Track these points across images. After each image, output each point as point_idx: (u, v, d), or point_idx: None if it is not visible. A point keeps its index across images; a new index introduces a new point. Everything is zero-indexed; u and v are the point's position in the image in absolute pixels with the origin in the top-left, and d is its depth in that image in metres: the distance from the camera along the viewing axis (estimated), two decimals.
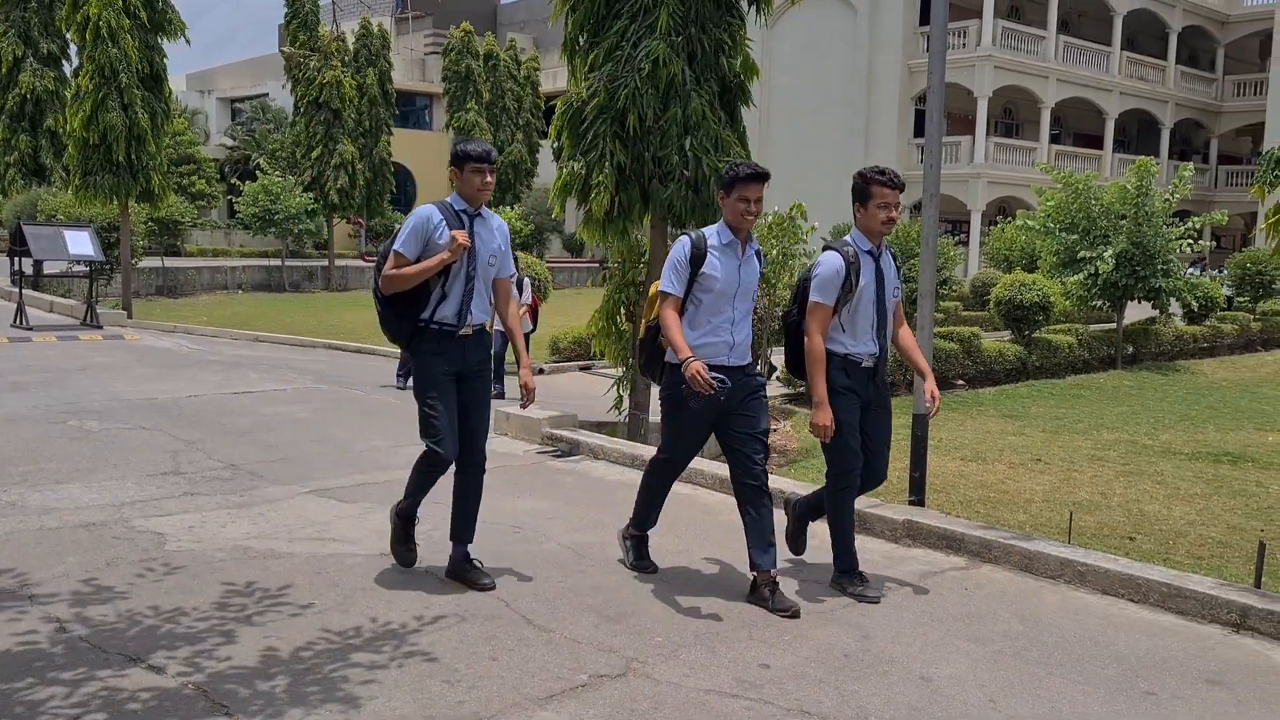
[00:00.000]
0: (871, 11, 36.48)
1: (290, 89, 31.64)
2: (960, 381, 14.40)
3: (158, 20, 18.25)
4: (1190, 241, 17.87)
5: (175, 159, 32.22)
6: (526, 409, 5.07)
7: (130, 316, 17.99)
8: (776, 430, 10.53)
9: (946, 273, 24.49)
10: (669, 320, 4.68)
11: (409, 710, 3.55)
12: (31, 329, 14.95)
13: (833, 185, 34.39)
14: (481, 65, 39.09)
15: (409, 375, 11.40)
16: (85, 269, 17.88)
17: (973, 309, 23.56)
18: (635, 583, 4.93)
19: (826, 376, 4.77)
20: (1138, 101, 40.14)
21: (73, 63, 19.78)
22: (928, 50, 6.41)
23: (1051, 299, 16.13)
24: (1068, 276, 17.75)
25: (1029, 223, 19.54)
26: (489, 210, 4.90)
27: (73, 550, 5.12)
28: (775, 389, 12.30)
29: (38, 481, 6.44)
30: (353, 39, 32.68)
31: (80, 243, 16.28)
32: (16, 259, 16.21)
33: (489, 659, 4.00)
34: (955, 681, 3.97)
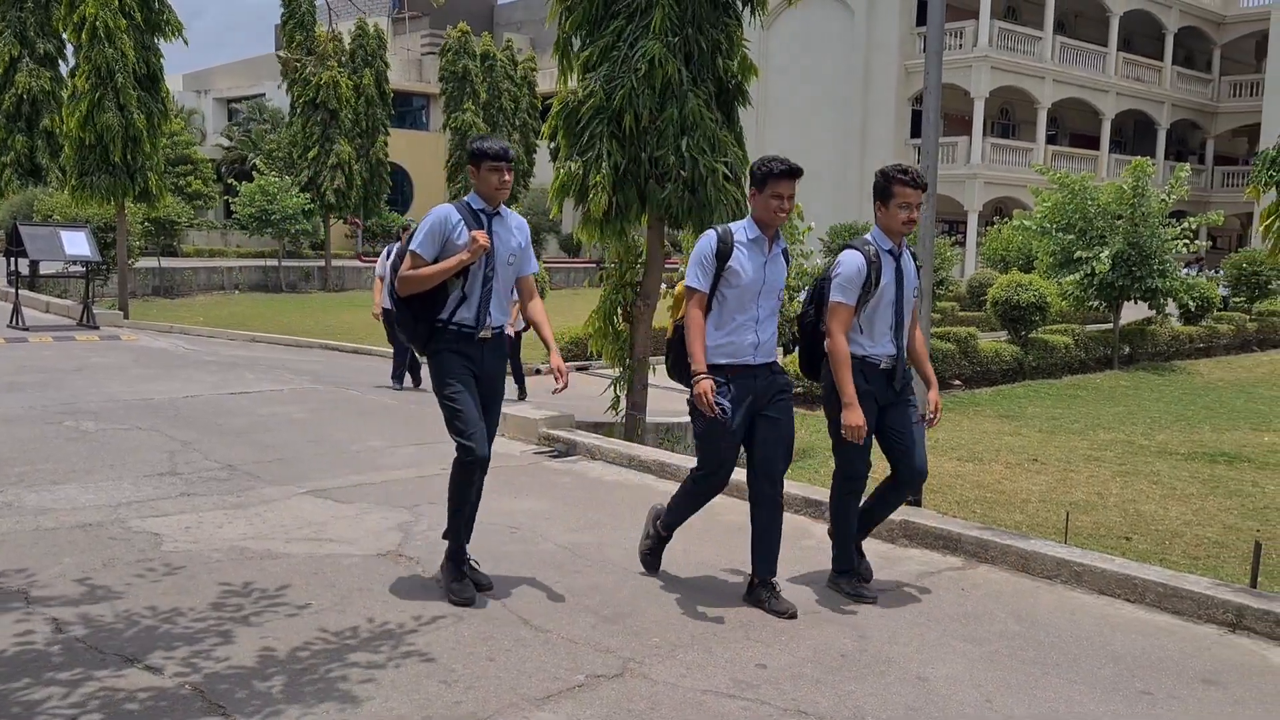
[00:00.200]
0: (868, 12, 36.55)
1: (287, 89, 31.63)
2: (957, 382, 14.41)
3: (154, 20, 18.21)
4: (1186, 242, 17.91)
5: (172, 159, 32.20)
6: (556, 394, 4.99)
7: (126, 317, 17.94)
8: None
9: (943, 273, 24.57)
10: (692, 323, 4.57)
11: (406, 710, 3.55)
12: (27, 329, 14.92)
13: (829, 186, 34.79)
14: (478, 65, 39.08)
15: (403, 377, 11.42)
16: (81, 269, 17.86)
17: (969, 309, 23.59)
18: (632, 583, 4.93)
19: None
20: (1134, 102, 40.23)
21: (69, 63, 19.75)
22: (924, 51, 6.41)
23: (1048, 299, 16.15)
24: (1064, 277, 17.78)
25: (1025, 223, 19.58)
26: (507, 208, 4.81)
27: (69, 551, 5.12)
28: None
29: (34, 482, 6.43)
30: (349, 39, 32.66)
31: (76, 243, 16.23)
32: (12, 259, 16.16)
33: (486, 659, 4.00)
34: (952, 681, 3.98)
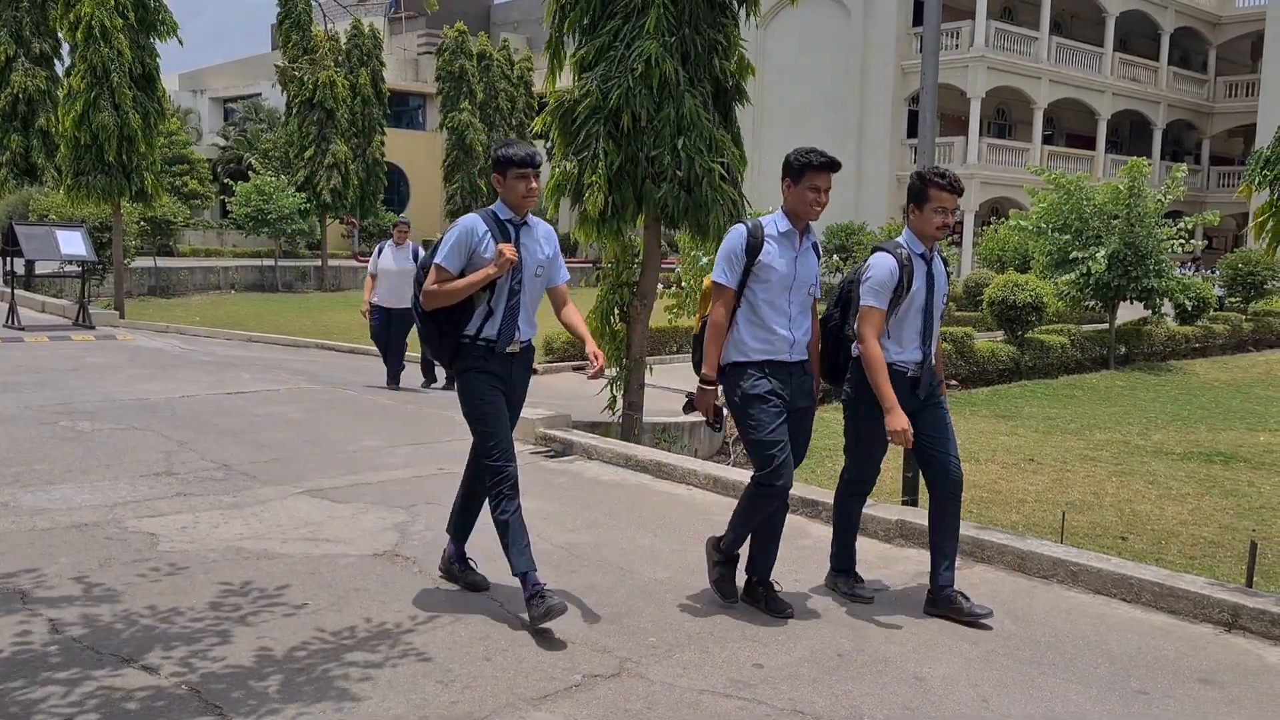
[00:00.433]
0: (865, 12, 36.58)
1: (282, 89, 31.61)
2: (953, 382, 14.43)
3: (149, 20, 18.17)
4: (1182, 242, 17.94)
5: (169, 159, 32.17)
6: (591, 378, 4.94)
7: (123, 317, 17.92)
8: None
9: None
10: (713, 324, 4.48)
11: (403, 710, 3.55)
12: (23, 329, 14.88)
13: None
14: (475, 65, 39.09)
15: (398, 378, 11.41)
16: (77, 269, 17.81)
17: (966, 309, 23.61)
18: (629, 583, 4.93)
19: (864, 385, 4.59)
20: (1130, 102, 40.30)
21: (65, 62, 19.67)
22: (921, 51, 6.43)
23: (1044, 299, 16.18)
24: (1060, 277, 17.81)
25: (1022, 223, 19.61)
26: (534, 216, 4.64)
27: (65, 551, 5.11)
28: None
29: (30, 482, 6.42)
30: (345, 39, 32.65)
31: (72, 243, 16.19)
32: (8, 259, 16.14)
33: (483, 659, 4.00)
34: (948, 681, 3.98)
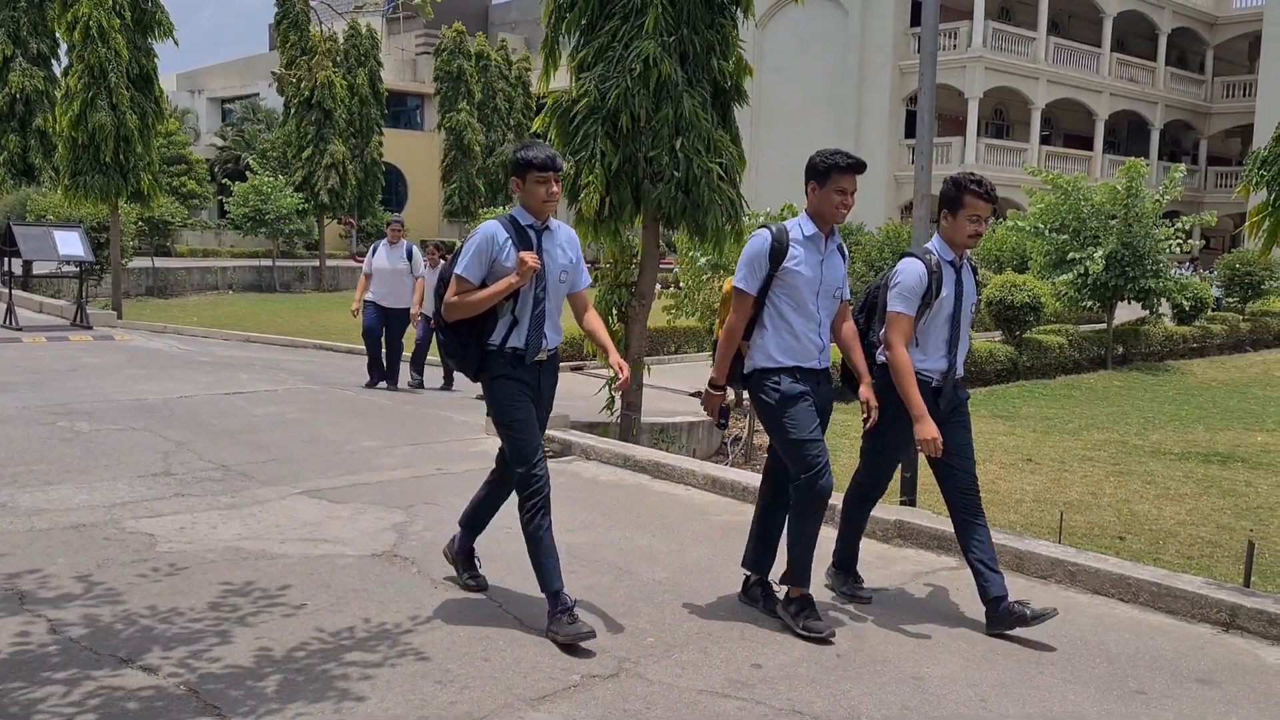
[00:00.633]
0: (862, 12, 36.60)
1: (279, 94, 31.59)
2: None
3: (146, 21, 18.15)
4: (1179, 242, 17.95)
5: (167, 159, 32.12)
6: (618, 389, 4.90)
7: (120, 317, 17.90)
8: None
9: None
10: (728, 330, 4.45)
11: (402, 710, 3.55)
12: (21, 329, 14.87)
13: None
14: (473, 65, 39.09)
15: (396, 377, 11.41)
16: (75, 269, 17.79)
17: None
18: (627, 583, 4.93)
19: (889, 392, 4.53)
20: (1127, 103, 40.33)
21: (62, 62, 19.63)
22: (918, 51, 6.43)
23: (1042, 300, 16.18)
24: (1058, 277, 17.81)
25: (1019, 223, 19.60)
26: (555, 221, 4.47)
27: (63, 551, 5.10)
28: None
29: (28, 483, 6.41)
30: (343, 38, 32.63)
31: (70, 243, 16.19)
32: (5, 259, 16.12)
33: (481, 659, 4.00)
34: (947, 681, 3.99)
